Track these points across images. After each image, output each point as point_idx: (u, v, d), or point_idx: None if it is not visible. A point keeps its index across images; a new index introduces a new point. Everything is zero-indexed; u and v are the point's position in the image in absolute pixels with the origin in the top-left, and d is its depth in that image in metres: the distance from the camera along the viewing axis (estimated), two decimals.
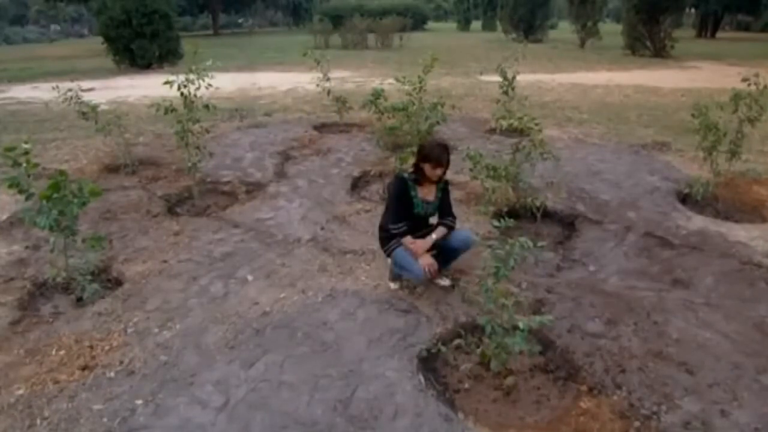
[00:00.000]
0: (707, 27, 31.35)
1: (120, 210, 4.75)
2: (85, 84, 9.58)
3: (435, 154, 3.23)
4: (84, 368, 2.71)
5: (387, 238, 3.36)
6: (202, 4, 40.41)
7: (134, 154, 5.94)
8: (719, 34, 31.47)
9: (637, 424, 2.34)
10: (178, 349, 2.87)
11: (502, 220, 2.81)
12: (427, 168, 3.26)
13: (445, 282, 3.49)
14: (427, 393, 2.53)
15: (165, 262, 3.85)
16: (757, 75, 4.51)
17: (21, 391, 2.56)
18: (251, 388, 2.57)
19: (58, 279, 3.51)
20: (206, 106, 4.61)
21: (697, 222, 4.42)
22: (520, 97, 7.08)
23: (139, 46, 15.48)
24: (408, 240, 3.29)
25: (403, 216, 3.31)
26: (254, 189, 5.34)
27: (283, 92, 11.09)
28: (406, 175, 3.38)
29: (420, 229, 3.40)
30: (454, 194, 4.74)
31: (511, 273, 2.61)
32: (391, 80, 7.54)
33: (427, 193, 3.39)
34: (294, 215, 4.69)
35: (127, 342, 2.94)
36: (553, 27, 34.59)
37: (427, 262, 3.21)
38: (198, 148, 4.89)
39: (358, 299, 3.32)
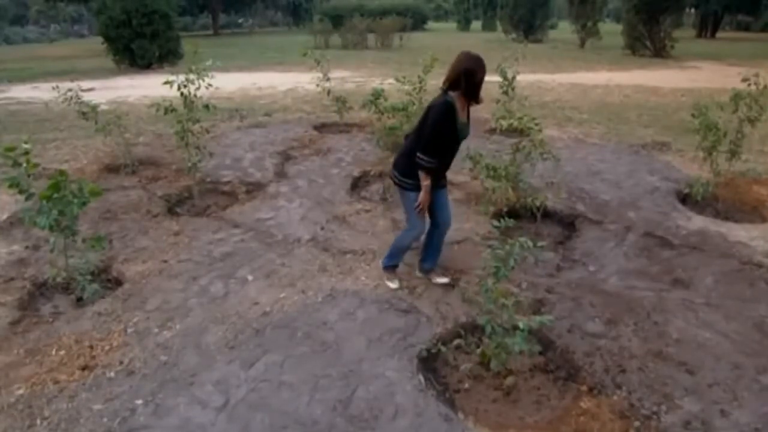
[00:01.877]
0: (707, 27, 31.33)
1: (120, 210, 4.75)
2: (85, 84, 9.57)
3: (480, 62, 2.99)
4: (84, 368, 2.71)
5: (414, 170, 3.15)
6: (202, 4, 40.34)
7: (134, 154, 5.95)
8: (719, 34, 31.45)
9: (637, 424, 2.34)
10: (178, 349, 2.87)
11: (502, 220, 2.82)
12: (480, 80, 3.00)
13: (444, 280, 3.50)
14: (427, 393, 2.53)
15: (165, 262, 3.85)
16: (757, 75, 4.51)
17: (21, 391, 2.56)
18: (251, 388, 2.57)
19: (58, 279, 3.51)
20: (206, 106, 4.61)
21: (697, 222, 4.42)
22: (520, 97, 7.06)
23: (139, 46, 15.48)
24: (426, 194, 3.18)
25: (441, 148, 3.10)
26: (254, 189, 5.34)
27: (283, 92, 11.08)
28: (449, 99, 3.06)
29: (450, 159, 3.26)
30: (454, 194, 4.75)
31: (511, 273, 2.61)
32: (391, 80, 7.53)
33: (462, 114, 3.15)
34: (294, 215, 4.69)
35: (127, 342, 2.94)
36: (553, 27, 34.57)
37: (425, 199, 3.17)
38: (198, 148, 4.90)
39: (358, 299, 3.32)
